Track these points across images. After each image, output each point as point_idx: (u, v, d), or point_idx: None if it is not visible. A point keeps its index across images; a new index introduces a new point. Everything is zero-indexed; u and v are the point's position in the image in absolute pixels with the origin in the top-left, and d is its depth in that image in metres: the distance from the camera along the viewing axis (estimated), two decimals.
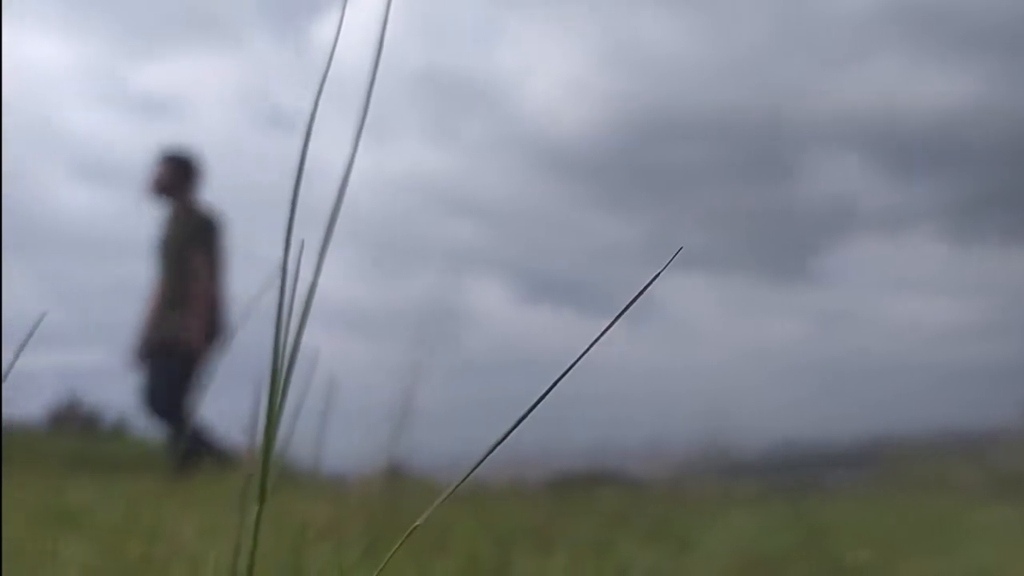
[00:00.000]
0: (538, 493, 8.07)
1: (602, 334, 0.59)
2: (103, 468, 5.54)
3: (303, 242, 0.66)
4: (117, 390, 7.48)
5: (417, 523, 0.65)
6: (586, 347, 0.60)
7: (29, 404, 6.22)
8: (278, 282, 0.66)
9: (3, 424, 5.77)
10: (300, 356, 0.67)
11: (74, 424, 6.35)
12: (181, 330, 5.28)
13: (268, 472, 0.65)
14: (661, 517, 3.21)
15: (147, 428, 6.62)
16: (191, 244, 5.37)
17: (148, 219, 5.36)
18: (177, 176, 5.52)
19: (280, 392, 0.66)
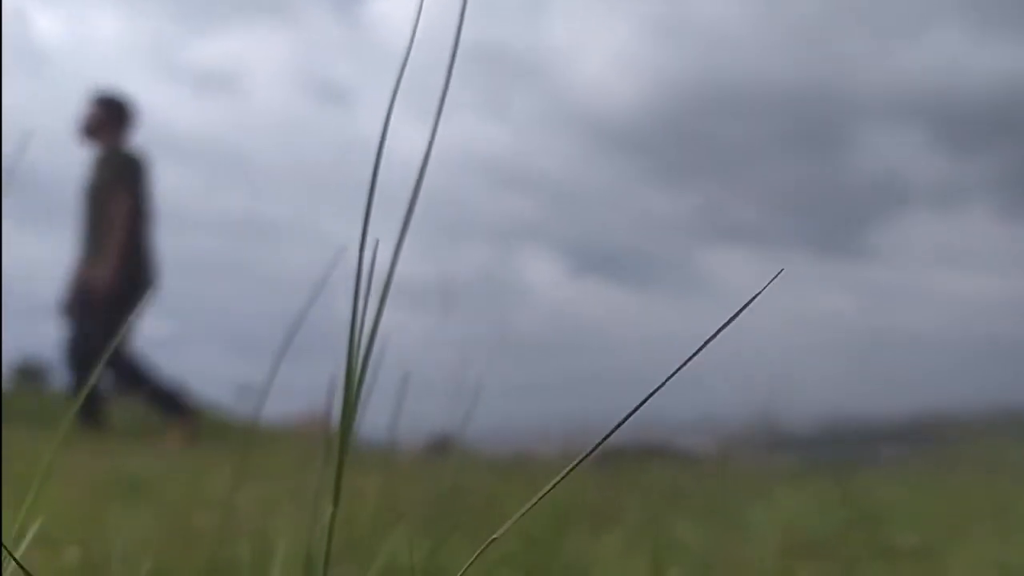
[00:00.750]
0: (590, 468, 8.08)
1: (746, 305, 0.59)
2: (158, 434, 5.65)
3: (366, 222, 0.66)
4: (180, 360, 7.60)
5: (533, 502, 0.65)
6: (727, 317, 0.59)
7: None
8: (348, 259, 0.67)
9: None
10: (377, 332, 0.67)
11: (129, 388, 6.47)
12: (98, 279, 5.08)
13: (346, 445, 0.66)
14: (712, 494, 3.20)
15: (205, 397, 6.73)
16: (114, 188, 5.13)
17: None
18: (106, 119, 5.34)
19: (358, 369, 0.66)
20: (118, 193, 5.11)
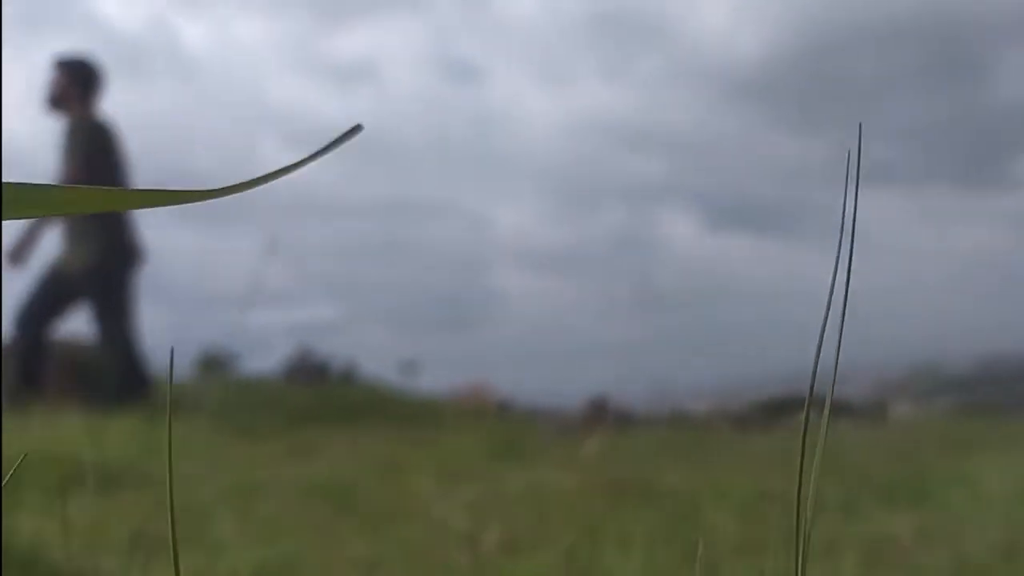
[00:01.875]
0: (745, 419, 7.95)
1: None
2: (336, 414, 5.81)
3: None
4: (343, 341, 7.81)
5: None
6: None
7: (266, 359, 6.58)
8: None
9: (245, 378, 6.13)
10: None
11: (307, 375, 6.68)
12: (66, 251, 4.85)
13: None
14: (898, 468, 3.07)
15: (374, 375, 6.90)
16: (85, 158, 4.87)
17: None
18: (72, 85, 5.00)
19: None
20: (89, 164, 4.84)
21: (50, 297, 4.77)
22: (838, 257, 0.42)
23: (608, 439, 3.50)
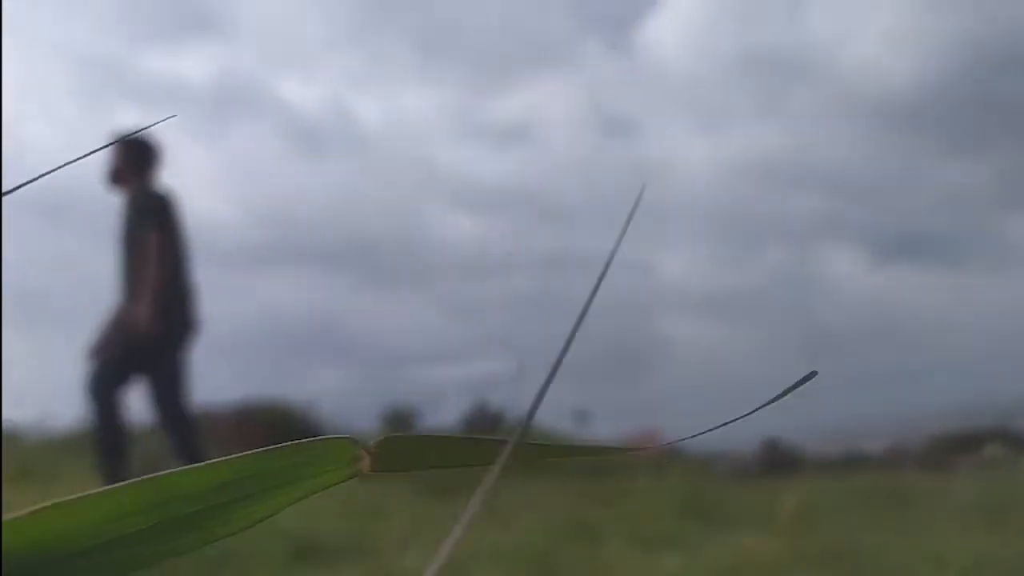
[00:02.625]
0: (925, 458, 7.56)
1: None
2: (516, 466, 5.85)
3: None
4: (516, 392, 7.88)
5: None
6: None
7: (446, 413, 6.70)
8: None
9: (420, 429, 6.26)
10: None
11: (484, 427, 6.76)
12: (136, 318, 4.74)
13: None
14: None
15: (547, 423, 6.93)
16: (143, 229, 4.83)
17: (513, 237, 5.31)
18: (127, 164, 4.99)
19: None
20: (148, 232, 4.82)
21: (120, 366, 4.71)
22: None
23: (799, 495, 3.39)
